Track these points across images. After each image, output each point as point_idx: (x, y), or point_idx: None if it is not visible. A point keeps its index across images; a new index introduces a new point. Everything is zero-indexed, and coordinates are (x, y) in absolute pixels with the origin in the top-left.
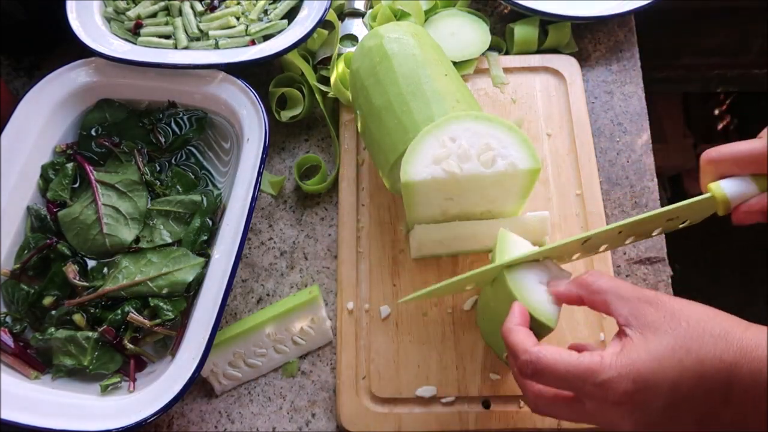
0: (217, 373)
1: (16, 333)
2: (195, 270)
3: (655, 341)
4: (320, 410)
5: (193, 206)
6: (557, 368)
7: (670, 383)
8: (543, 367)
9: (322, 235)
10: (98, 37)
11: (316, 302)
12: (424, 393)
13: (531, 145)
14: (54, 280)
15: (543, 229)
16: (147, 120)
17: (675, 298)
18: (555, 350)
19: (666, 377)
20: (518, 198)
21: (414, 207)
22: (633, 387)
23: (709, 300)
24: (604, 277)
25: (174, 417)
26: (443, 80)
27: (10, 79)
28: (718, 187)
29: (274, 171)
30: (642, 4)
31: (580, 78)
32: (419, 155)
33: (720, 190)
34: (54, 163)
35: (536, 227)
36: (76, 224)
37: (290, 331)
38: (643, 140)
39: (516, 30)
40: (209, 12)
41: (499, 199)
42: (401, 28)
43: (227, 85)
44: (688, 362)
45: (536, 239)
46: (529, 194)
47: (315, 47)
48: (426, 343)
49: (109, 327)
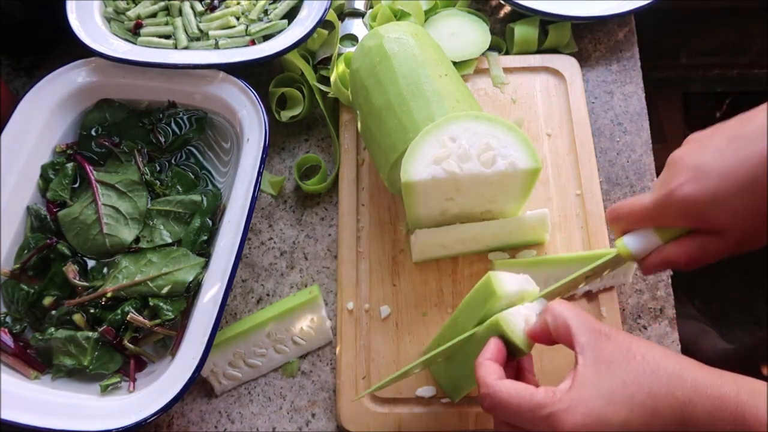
0: (217, 373)
1: (16, 333)
2: (195, 270)
3: (607, 375)
4: (320, 410)
5: (193, 206)
6: (510, 402)
7: (621, 419)
8: (498, 401)
9: (322, 235)
10: (98, 37)
11: (316, 302)
12: (424, 393)
13: (531, 144)
14: (54, 280)
15: (543, 227)
16: (147, 120)
17: (633, 337)
18: (512, 385)
19: (617, 412)
20: (519, 198)
21: (414, 207)
22: (581, 420)
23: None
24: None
25: (174, 417)
26: (443, 80)
27: (10, 79)
28: (622, 244)
29: (274, 171)
30: (642, 4)
31: (580, 78)
32: (419, 155)
33: (624, 247)
34: (54, 163)
35: (536, 225)
36: (76, 224)
37: (290, 331)
38: (643, 140)
39: (516, 30)
40: (209, 12)
41: (499, 198)
42: (401, 28)
43: (227, 85)
44: (640, 397)
45: (537, 237)
46: (529, 194)
47: (315, 47)
48: (426, 343)
49: (109, 327)
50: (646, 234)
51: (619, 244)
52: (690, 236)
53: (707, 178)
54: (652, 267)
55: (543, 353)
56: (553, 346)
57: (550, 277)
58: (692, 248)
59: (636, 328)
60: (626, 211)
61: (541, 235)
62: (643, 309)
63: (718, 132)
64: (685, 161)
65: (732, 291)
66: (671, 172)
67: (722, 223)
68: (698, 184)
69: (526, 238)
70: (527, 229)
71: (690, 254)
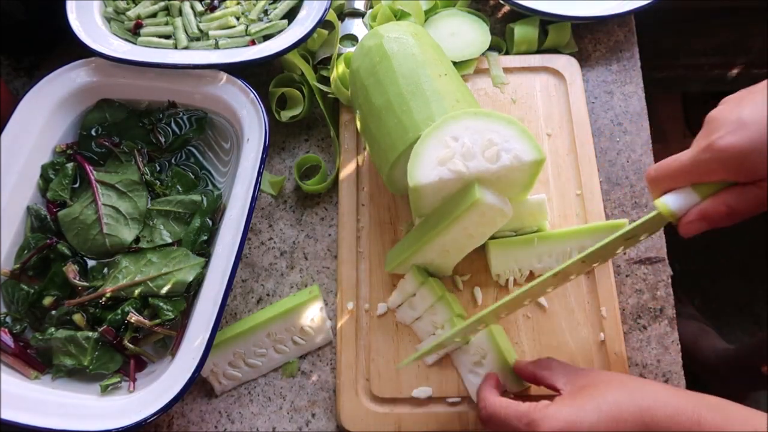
0: (217, 373)
1: (16, 333)
2: (195, 270)
3: (579, 395)
4: (320, 410)
5: (193, 206)
6: (499, 413)
7: (589, 423)
8: (491, 412)
9: (322, 235)
10: (98, 37)
11: (316, 302)
12: (419, 394)
13: (531, 136)
14: (54, 280)
15: (542, 213)
16: (147, 120)
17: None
18: (504, 401)
19: (586, 418)
20: (523, 189)
21: (422, 210)
22: (556, 425)
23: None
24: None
25: (174, 417)
26: (443, 80)
27: (10, 79)
28: (662, 203)
29: (274, 171)
30: (642, 4)
31: (580, 78)
32: (424, 158)
33: (665, 205)
34: (54, 163)
35: (535, 211)
36: (76, 224)
37: (290, 331)
38: (643, 140)
39: (516, 30)
40: (209, 12)
41: (504, 192)
42: (401, 28)
43: (227, 85)
44: (605, 406)
45: (537, 224)
46: (533, 185)
47: (315, 47)
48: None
49: (109, 327)
50: (685, 192)
51: (659, 204)
52: (728, 189)
53: (747, 128)
54: (692, 225)
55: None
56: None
57: (544, 254)
58: (732, 199)
59: (636, 328)
60: (665, 169)
61: (541, 222)
62: (643, 309)
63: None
64: (724, 116)
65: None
66: (710, 128)
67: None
68: (739, 134)
69: (525, 224)
70: (526, 215)
71: (730, 205)
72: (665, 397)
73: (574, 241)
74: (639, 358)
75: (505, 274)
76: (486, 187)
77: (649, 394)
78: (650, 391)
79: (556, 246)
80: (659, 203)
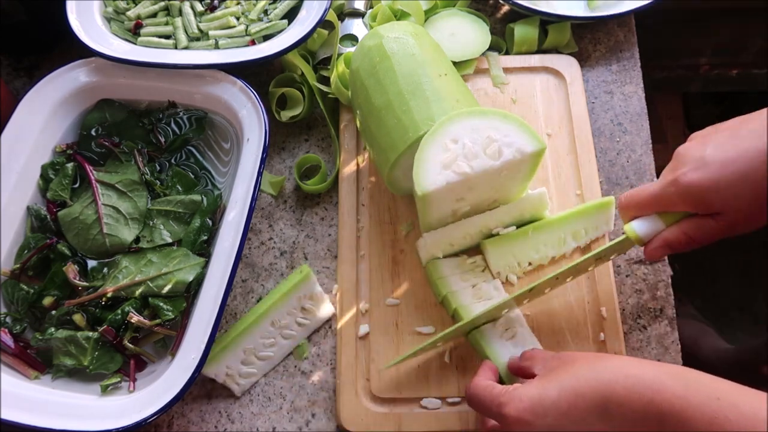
0: (232, 375)
1: (16, 333)
2: (195, 270)
3: (549, 375)
4: (320, 410)
5: (193, 206)
6: (479, 395)
7: (551, 400)
8: (471, 394)
9: (322, 235)
10: (98, 37)
11: (308, 280)
12: (428, 404)
13: (529, 126)
14: (54, 280)
15: (543, 204)
16: (147, 120)
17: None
18: (484, 383)
19: (548, 395)
20: (524, 180)
21: (429, 215)
22: (522, 406)
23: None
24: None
25: (174, 417)
26: (443, 80)
27: (10, 79)
28: (631, 229)
29: (274, 171)
30: (642, 4)
31: (580, 78)
32: (427, 164)
33: (633, 231)
34: (54, 163)
35: (536, 204)
36: (76, 224)
37: (292, 313)
38: (643, 140)
39: (516, 30)
40: (209, 12)
41: (506, 186)
42: (401, 28)
43: (227, 85)
44: (566, 382)
45: (537, 214)
46: (533, 175)
47: (315, 47)
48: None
49: (109, 327)
50: (651, 219)
51: (627, 229)
52: (688, 219)
53: (709, 167)
54: (655, 251)
55: None
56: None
57: (540, 244)
58: (691, 229)
59: (636, 328)
60: (635, 198)
61: (541, 212)
62: (643, 309)
63: (719, 130)
64: (689, 153)
65: (732, 291)
66: (677, 162)
67: (720, 206)
68: (701, 171)
69: (526, 217)
70: (527, 209)
71: (689, 234)
72: (627, 368)
73: (567, 226)
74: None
75: (505, 270)
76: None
77: (611, 368)
78: (614, 366)
79: (551, 234)
80: (628, 228)
